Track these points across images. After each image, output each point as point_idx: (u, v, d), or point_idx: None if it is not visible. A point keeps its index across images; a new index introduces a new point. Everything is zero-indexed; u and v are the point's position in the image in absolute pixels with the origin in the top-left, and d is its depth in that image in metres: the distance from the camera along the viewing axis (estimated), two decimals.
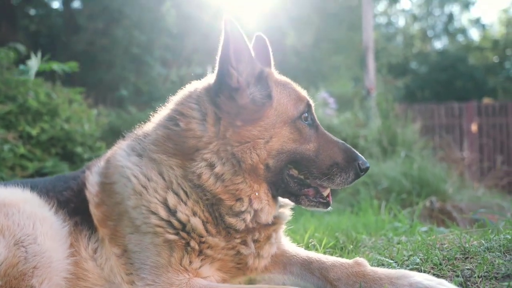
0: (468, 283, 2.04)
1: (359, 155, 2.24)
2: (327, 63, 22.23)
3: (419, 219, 4.89)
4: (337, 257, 2.25)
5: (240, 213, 2.10)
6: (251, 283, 2.20)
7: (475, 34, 42.69)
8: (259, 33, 2.54)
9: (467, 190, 7.32)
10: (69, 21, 16.69)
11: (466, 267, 2.23)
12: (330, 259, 2.18)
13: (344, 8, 23.63)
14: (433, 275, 2.14)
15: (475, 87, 28.58)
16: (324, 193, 2.23)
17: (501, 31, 34.99)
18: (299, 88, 2.35)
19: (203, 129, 2.13)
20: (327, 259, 2.19)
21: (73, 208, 2.25)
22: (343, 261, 2.13)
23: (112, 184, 2.21)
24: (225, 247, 2.11)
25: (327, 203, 2.24)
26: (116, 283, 2.10)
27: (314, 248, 2.96)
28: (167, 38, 14.88)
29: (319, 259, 2.20)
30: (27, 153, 5.31)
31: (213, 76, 2.23)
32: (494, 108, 15.93)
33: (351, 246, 3.05)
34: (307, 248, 2.85)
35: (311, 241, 3.12)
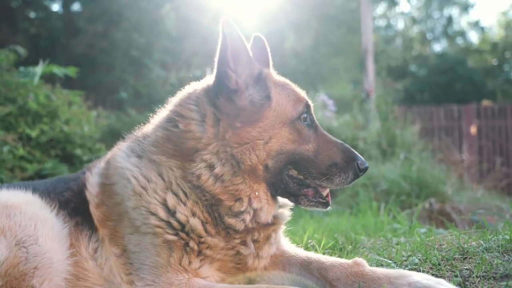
0: (467, 283, 2.04)
1: (358, 155, 2.24)
2: (327, 65, 22.26)
3: (418, 220, 4.89)
4: (336, 257, 2.26)
5: (239, 213, 2.11)
6: (250, 283, 2.20)
7: (474, 37, 42.85)
8: (257, 34, 2.53)
9: (466, 191, 7.32)
10: (69, 24, 16.72)
11: (465, 267, 2.24)
12: (329, 259, 2.19)
13: (343, 11, 23.68)
14: (432, 275, 2.15)
15: (474, 89, 28.60)
16: (324, 193, 2.24)
17: (500, 33, 35.02)
18: (298, 88, 2.35)
19: (202, 130, 2.13)
20: (326, 259, 2.20)
21: (74, 208, 2.26)
22: (342, 261, 2.14)
23: (112, 185, 2.22)
24: (225, 247, 2.12)
25: (326, 203, 2.25)
26: (115, 283, 2.10)
27: (313, 249, 2.97)
28: (166, 41, 14.90)
29: (318, 259, 2.21)
30: (26, 154, 5.31)
31: (212, 78, 2.23)
32: (493, 111, 15.95)
33: (350, 247, 3.06)
34: (306, 248, 2.85)
35: (310, 241, 3.13)
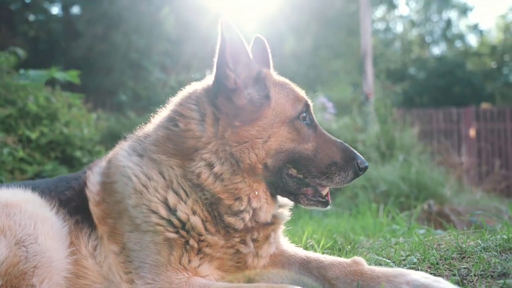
0: (465, 281, 2.05)
1: (358, 154, 2.25)
2: (326, 68, 22.29)
3: (417, 222, 4.90)
4: (335, 256, 2.26)
5: (239, 212, 2.12)
6: (250, 282, 2.21)
7: (473, 40, 42.81)
8: (258, 35, 2.56)
9: (465, 193, 7.33)
10: (68, 26, 16.72)
11: (463, 266, 2.25)
12: (328, 259, 2.19)
13: (343, 14, 23.74)
14: (430, 274, 2.15)
15: (473, 92, 28.62)
16: (323, 192, 2.25)
17: (499, 37, 35.10)
18: (297, 88, 2.37)
19: (202, 129, 2.15)
20: (325, 258, 2.20)
21: (74, 206, 2.27)
22: (341, 260, 2.15)
23: (113, 183, 2.23)
24: (224, 245, 2.13)
25: (326, 202, 2.26)
26: (115, 282, 2.11)
27: (312, 249, 2.98)
28: (165, 44, 14.93)
29: (318, 259, 2.21)
30: (26, 156, 5.33)
31: (212, 78, 2.25)
32: (492, 114, 15.99)
33: (349, 247, 3.07)
34: (305, 248, 2.86)
35: (309, 241, 3.14)
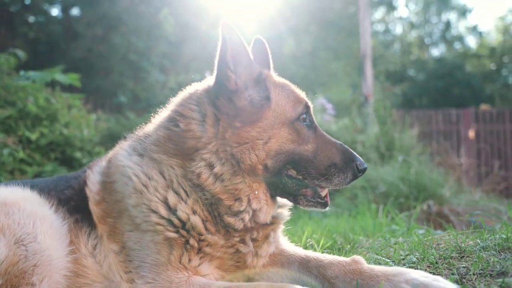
0: (464, 280, 2.06)
1: (357, 156, 2.26)
2: (326, 70, 22.31)
3: (416, 222, 4.90)
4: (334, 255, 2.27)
5: (238, 212, 2.13)
6: (249, 281, 2.21)
7: (472, 42, 42.85)
8: (258, 37, 2.57)
9: (465, 194, 7.33)
10: (68, 28, 16.75)
11: (462, 265, 2.26)
12: (327, 258, 2.20)
13: (342, 16, 23.78)
14: (429, 273, 2.16)
15: (472, 94, 28.64)
16: (322, 193, 2.26)
17: (498, 38, 35.13)
18: (297, 89, 2.37)
19: (202, 130, 2.15)
20: (324, 257, 2.21)
21: (74, 206, 2.27)
22: (341, 259, 2.16)
23: (113, 182, 2.24)
24: (224, 245, 2.14)
25: (325, 203, 2.27)
26: (115, 282, 2.11)
27: (312, 248, 2.98)
28: (165, 45, 14.95)
29: (317, 258, 2.22)
30: (26, 157, 5.33)
31: (213, 78, 2.25)
32: (491, 115, 16.00)
33: (349, 247, 3.07)
34: (305, 248, 2.86)
35: (308, 241, 3.14)
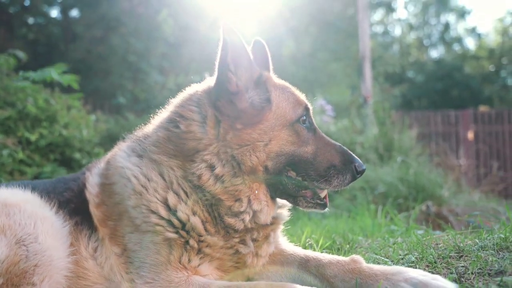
0: (462, 279, 2.07)
1: (356, 157, 2.28)
2: (325, 71, 22.32)
3: (415, 222, 4.91)
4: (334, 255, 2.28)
5: (239, 213, 2.14)
6: (249, 280, 2.22)
7: (471, 43, 42.82)
8: (257, 38, 2.58)
9: (463, 195, 7.35)
10: (67, 29, 16.79)
11: (460, 264, 2.27)
12: (327, 257, 2.21)
13: (341, 17, 23.78)
14: (428, 272, 2.17)
15: (471, 95, 28.67)
16: (321, 194, 2.28)
17: (497, 40, 35.14)
18: (297, 92, 2.39)
19: (203, 131, 2.16)
20: (324, 257, 2.22)
21: (74, 208, 2.28)
22: (340, 258, 2.17)
23: (112, 184, 2.24)
24: (224, 246, 2.15)
25: (324, 204, 2.29)
26: (116, 282, 2.12)
27: (311, 248, 2.99)
28: (164, 47, 14.96)
29: (316, 257, 2.23)
30: (26, 158, 5.34)
31: (213, 80, 2.26)
32: (490, 116, 16.02)
33: (348, 247, 3.08)
34: (304, 248, 2.87)
35: (308, 241, 3.15)
